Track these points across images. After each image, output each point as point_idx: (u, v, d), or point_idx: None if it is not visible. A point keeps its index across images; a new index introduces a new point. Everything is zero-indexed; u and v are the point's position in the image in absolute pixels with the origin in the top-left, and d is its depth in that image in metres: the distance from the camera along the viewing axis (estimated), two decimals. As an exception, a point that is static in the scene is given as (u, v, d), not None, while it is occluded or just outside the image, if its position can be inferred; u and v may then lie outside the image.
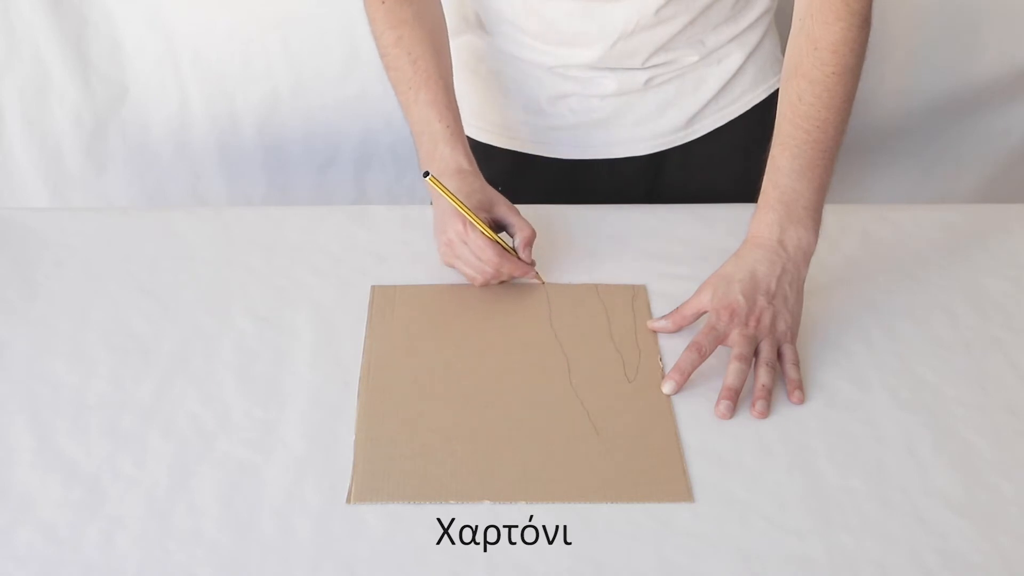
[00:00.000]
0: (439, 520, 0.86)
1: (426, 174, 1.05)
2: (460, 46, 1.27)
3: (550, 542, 0.85)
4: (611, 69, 1.23)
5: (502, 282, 1.12)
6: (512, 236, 1.10)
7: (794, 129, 1.05)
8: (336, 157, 1.67)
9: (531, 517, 0.87)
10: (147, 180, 1.67)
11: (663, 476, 0.91)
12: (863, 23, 1.03)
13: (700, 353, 1.00)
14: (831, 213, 1.08)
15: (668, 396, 0.99)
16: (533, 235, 1.09)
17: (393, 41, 1.15)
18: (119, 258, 1.17)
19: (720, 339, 1.02)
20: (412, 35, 1.15)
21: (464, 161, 1.12)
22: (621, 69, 1.23)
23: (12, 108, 1.59)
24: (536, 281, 1.12)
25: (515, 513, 0.87)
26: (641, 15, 1.17)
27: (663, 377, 1.00)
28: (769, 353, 1.00)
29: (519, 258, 1.09)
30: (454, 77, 1.17)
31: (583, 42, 1.20)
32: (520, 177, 1.31)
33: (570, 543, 0.85)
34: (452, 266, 1.11)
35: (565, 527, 0.86)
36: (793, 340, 1.03)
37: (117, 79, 1.58)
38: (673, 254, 1.18)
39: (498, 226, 1.10)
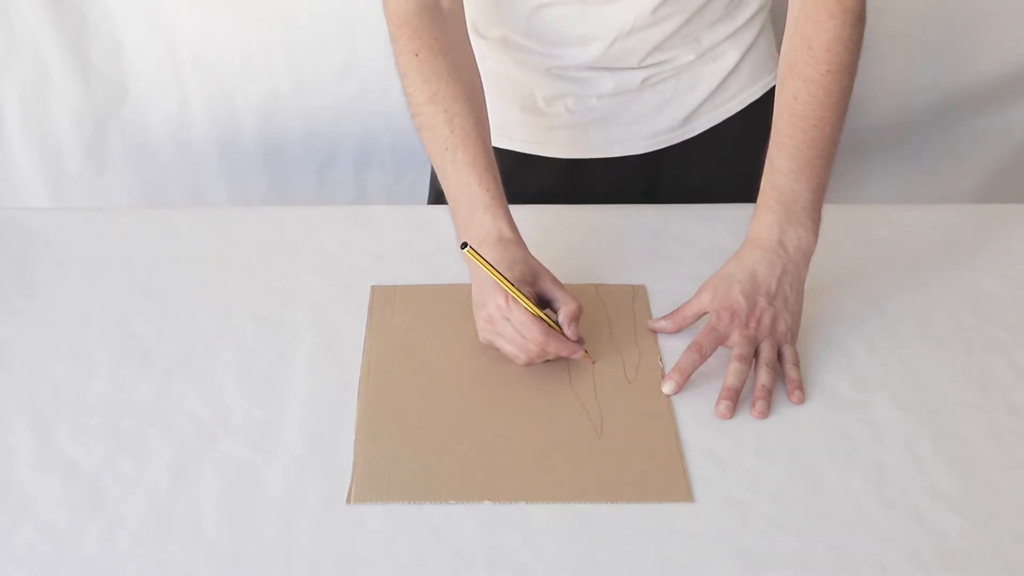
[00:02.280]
0: (439, 520, 0.86)
1: (464, 245, 0.95)
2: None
3: (550, 542, 0.85)
4: (608, 69, 1.23)
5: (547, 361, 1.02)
6: (556, 311, 1.01)
7: (791, 129, 1.05)
8: (336, 157, 1.67)
9: (531, 517, 0.87)
10: (147, 180, 1.67)
11: (663, 476, 0.91)
12: (857, 20, 1.03)
13: (700, 354, 1.00)
14: (831, 213, 1.08)
15: (668, 396, 0.99)
16: (579, 310, 1.00)
17: (428, 98, 1.06)
18: (119, 258, 1.17)
19: (720, 340, 1.02)
20: (448, 91, 1.06)
21: (507, 229, 1.03)
22: (618, 69, 1.23)
23: (12, 108, 1.59)
24: (587, 361, 1.02)
25: (515, 513, 0.87)
26: (638, 15, 1.17)
27: (663, 377, 1.00)
28: (769, 353, 1.00)
29: (564, 335, 0.99)
30: None
31: (580, 43, 1.20)
32: (518, 177, 1.30)
33: (570, 543, 0.85)
34: (491, 343, 1.01)
35: (565, 527, 0.86)
36: (793, 341, 1.03)
37: (117, 79, 1.58)
38: (673, 254, 1.18)
39: (542, 302, 1.01)
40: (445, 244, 1.18)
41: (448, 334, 1.06)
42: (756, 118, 1.22)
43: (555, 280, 1.02)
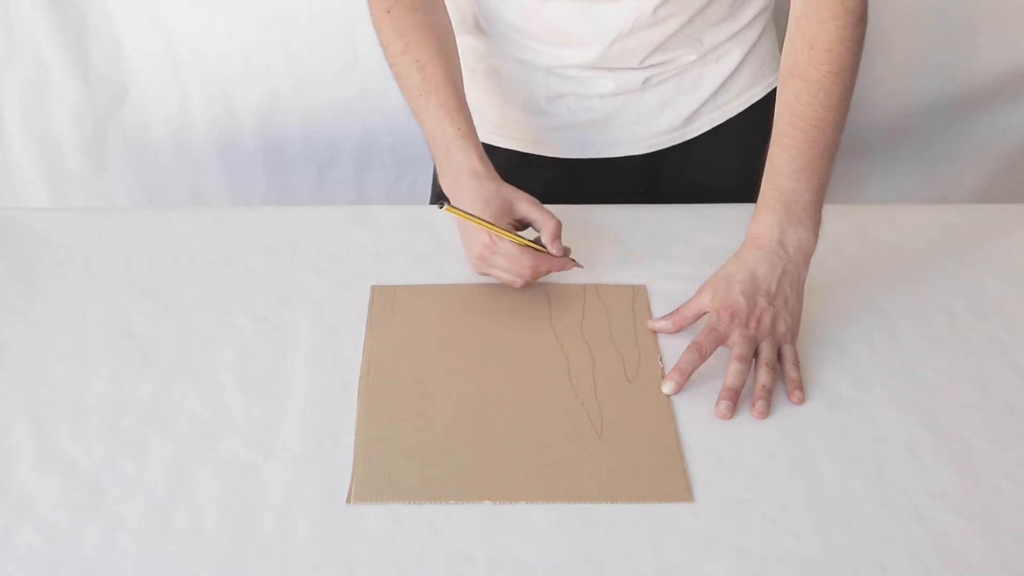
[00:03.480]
0: (439, 520, 0.86)
1: (440, 205, 1.04)
2: (458, 46, 1.27)
3: (550, 542, 0.85)
4: (609, 69, 1.23)
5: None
6: (537, 231, 1.09)
7: (792, 129, 1.05)
8: (336, 157, 1.67)
9: (531, 517, 0.87)
10: (147, 180, 1.67)
11: (663, 476, 0.91)
12: (858, 21, 1.03)
13: (700, 353, 1.00)
14: (831, 213, 1.08)
15: (668, 396, 0.99)
16: (558, 226, 1.07)
17: (401, 49, 1.14)
18: (119, 258, 1.17)
19: (720, 340, 1.02)
20: (420, 41, 1.13)
21: (478, 164, 1.10)
22: (619, 69, 1.23)
23: (12, 108, 1.59)
24: (578, 267, 1.11)
25: (515, 513, 0.87)
26: (639, 15, 1.17)
27: (663, 377, 1.00)
28: (769, 354, 1.00)
29: (551, 254, 1.08)
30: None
31: (581, 42, 1.20)
32: (519, 176, 1.30)
33: (570, 543, 0.85)
34: (488, 275, 1.10)
35: (565, 527, 0.86)
36: (793, 341, 1.03)
37: (117, 79, 1.58)
38: (673, 254, 1.18)
39: (522, 224, 1.10)
40: (445, 244, 1.18)
41: (448, 334, 1.06)
42: (758, 119, 1.22)
43: (531, 201, 1.08)
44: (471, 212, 1.05)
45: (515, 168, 1.30)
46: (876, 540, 0.85)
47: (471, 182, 1.08)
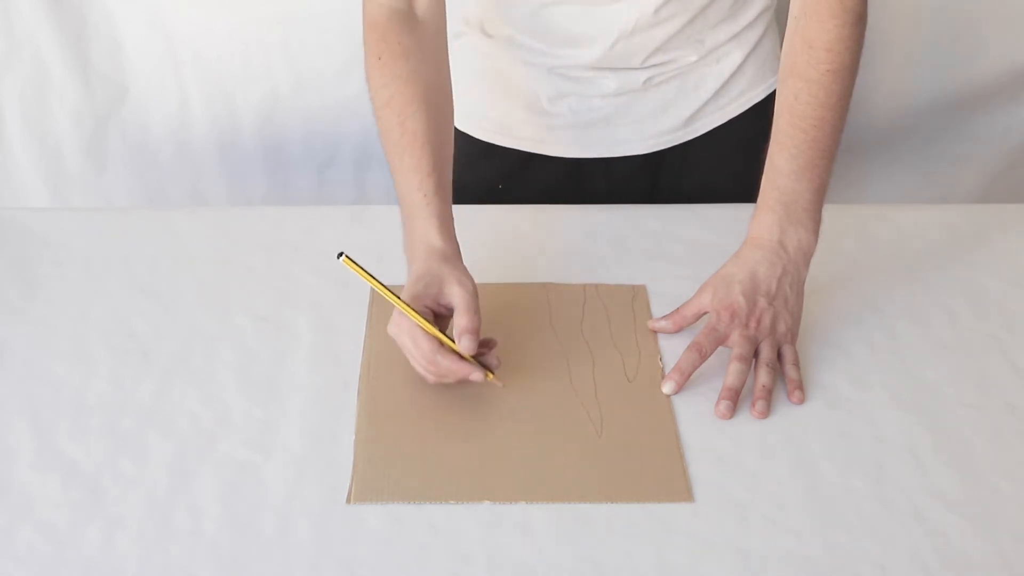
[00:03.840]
0: (439, 520, 0.86)
1: (339, 255, 0.92)
2: (461, 46, 1.27)
3: (550, 542, 0.85)
4: (611, 69, 1.23)
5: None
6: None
7: (792, 129, 1.04)
8: (336, 157, 1.67)
9: (531, 517, 0.87)
10: (147, 180, 1.67)
11: (663, 476, 0.91)
12: (857, 20, 1.03)
13: (700, 354, 1.00)
14: (831, 213, 1.08)
15: (668, 396, 0.99)
16: (471, 322, 0.93)
17: (384, 102, 1.04)
18: (119, 258, 1.17)
19: (720, 340, 1.02)
20: (404, 93, 1.03)
21: (435, 236, 0.99)
22: (621, 69, 1.23)
23: (12, 108, 1.59)
24: (495, 384, 0.96)
25: (515, 513, 0.87)
26: (641, 15, 1.17)
27: (663, 377, 1.00)
28: (769, 354, 1.00)
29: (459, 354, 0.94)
30: (453, 77, 1.14)
31: (583, 43, 1.20)
32: (520, 176, 1.31)
33: (570, 543, 0.85)
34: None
35: (565, 527, 0.86)
36: (793, 341, 1.03)
37: (117, 79, 1.58)
38: (673, 254, 1.18)
39: (450, 311, 0.96)
40: (445, 244, 1.18)
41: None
42: (760, 119, 1.22)
43: (464, 287, 0.95)
44: (407, 286, 0.96)
45: (516, 168, 1.30)
46: (876, 540, 0.85)
47: (422, 255, 0.99)
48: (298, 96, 1.60)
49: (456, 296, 0.95)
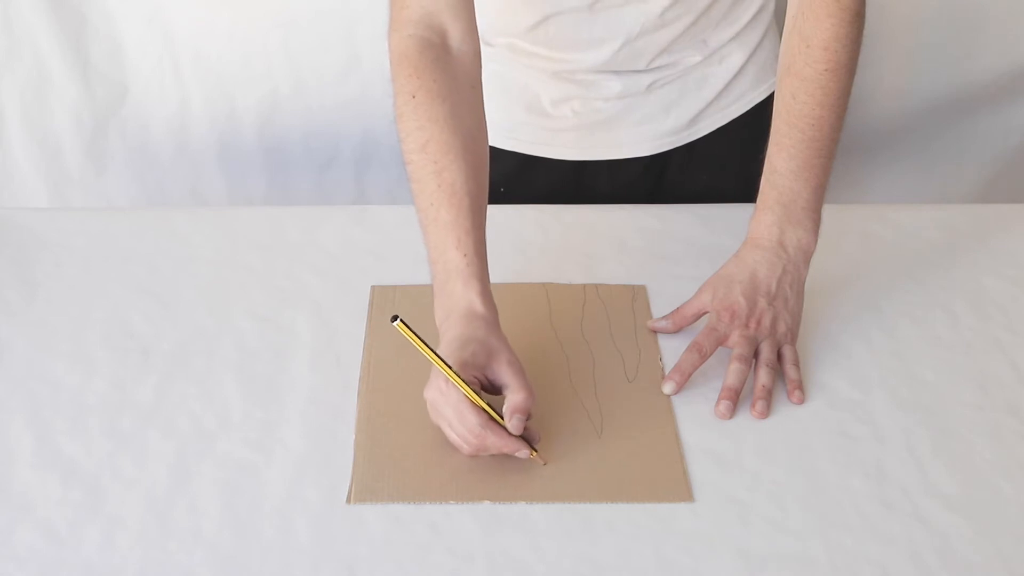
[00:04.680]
0: (439, 520, 0.86)
1: (394, 318, 0.86)
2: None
3: (550, 542, 0.85)
4: (616, 72, 1.22)
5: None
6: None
7: (790, 129, 1.04)
8: (336, 157, 1.67)
9: (531, 517, 0.87)
10: (147, 180, 1.67)
11: (663, 476, 0.91)
12: (854, 18, 1.02)
13: (701, 354, 1.00)
14: (831, 213, 1.08)
15: (668, 396, 0.99)
16: (526, 401, 0.88)
17: (420, 146, 0.97)
18: (119, 258, 1.17)
19: (720, 340, 1.02)
20: (441, 140, 0.96)
21: (477, 302, 0.94)
22: (626, 72, 1.22)
23: (12, 108, 1.59)
24: (538, 462, 0.91)
25: (515, 513, 0.87)
26: (646, 18, 1.17)
27: (663, 377, 1.00)
28: (769, 354, 1.00)
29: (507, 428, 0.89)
30: None
31: (590, 47, 1.20)
32: (523, 178, 1.31)
33: (570, 543, 0.85)
34: (439, 426, 0.92)
35: (565, 527, 0.86)
36: (793, 341, 1.03)
37: (117, 79, 1.58)
38: (673, 254, 1.18)
39: (496, 388, 0.92)
40: (445, 244, 1.18)
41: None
42: (761, 120, 1.22)
43: (513, 363, 0.91)
44: (448, 351, 0.90)
45: (519, 170, 1.30)
46: (876, 540, 0.85)
47: (462, 320, 0.93)
48: (298, 96, 1.60)
49: (508, 372, 0.90)
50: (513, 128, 1.29)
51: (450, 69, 1.00)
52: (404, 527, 0.86)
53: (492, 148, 1.29)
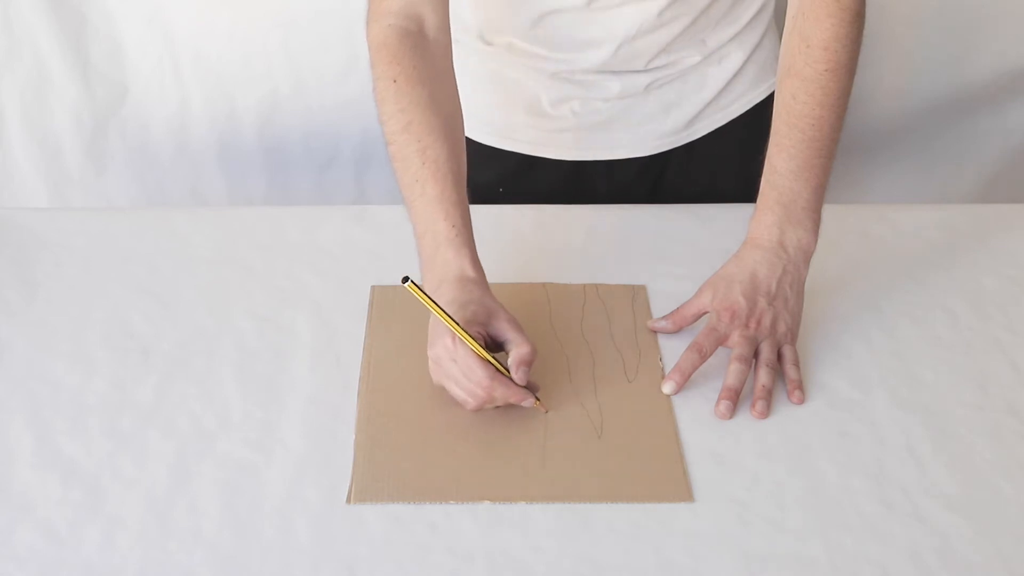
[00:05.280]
0: (439, 520, 0.86)
1: (405, 279, 0.89)
2: (461, 51, 1.26)
3: (550, 542, 0.85)
4: (615, 72, 1.22)
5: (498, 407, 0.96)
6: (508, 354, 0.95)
7: (789, 129, 1.04)
8: (336, 157, 1.67)
9: (531, 517, 0.87)
10: (147, 180, 1.67)
11: (663, 476, 0.91)
12: (854, 18, 1.03)
13: (701, 354, 1.00)
14: (831, 213, 1.08)
15: (668, 396, 0.99)
16: (530, 354, 0.93)
17: (402, 127, 1.02)
18: (119, 258, 1.17)
19: (720, 340, 1.02)
20: (423, 121, 1.01)
21: (469, 267, 0.99)
22: (624, 72, 1.22)
23: (12, 108, 1.59)
24: (540, 410, 0.96)
25: (515, 513, 0.87)
26: (644, 18, 1.17)
27: (663, 377, 1.00)
28: (769, 354, 1.00)
29: (513, 380, 0.93)
30: (456, 79, 1.13)
31: (587, 47, 1.20)
32: (522, 179, 1.31)
33: (570, 543, 0.85)
34: (442, 385, 0.96)
35: (565, 527, 0.86)
36: (793, 341, 1.03)
37: (117, 79, 1.58)
38: (673, 254, 1.18)
39: (496, 344, 0.96)
40: (445, 244, 1.18)
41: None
42: (761, 120, 1.22)
43: (512, 321, 0.96)
44: (450, 312, 0.93)
45: (518, 170, 1.30)
46: (876, 540, 0.85)
47: (456, 284, 0.97)
48: (298, 96, 1.60)
49: (509, 328, 0.95)
50: (513, 128, 1.29)
51: (428, 56, 1.06)
52: (404, 527, 0.86)
53: (492, 148, 1.30)
